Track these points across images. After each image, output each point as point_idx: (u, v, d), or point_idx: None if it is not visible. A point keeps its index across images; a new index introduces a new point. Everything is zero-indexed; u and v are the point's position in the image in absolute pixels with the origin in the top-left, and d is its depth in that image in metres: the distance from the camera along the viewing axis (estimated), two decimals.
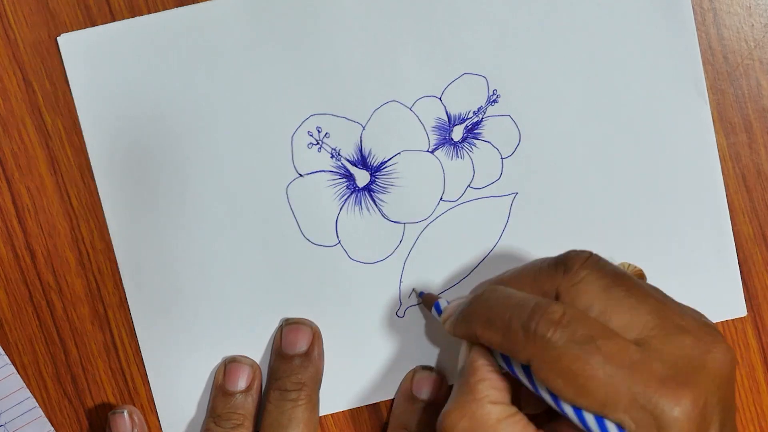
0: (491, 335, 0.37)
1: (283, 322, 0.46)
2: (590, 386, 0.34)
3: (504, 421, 0.37)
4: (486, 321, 0.37)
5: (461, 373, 0.39)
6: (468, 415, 0.37)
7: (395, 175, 0.46)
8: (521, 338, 0.35)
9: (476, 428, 0.37)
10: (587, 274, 0.37)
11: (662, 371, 0.34)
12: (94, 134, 0.45)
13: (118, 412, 0.45)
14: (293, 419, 0.44)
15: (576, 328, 0.35)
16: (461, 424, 0.37)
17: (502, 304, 0.37)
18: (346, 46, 0.45)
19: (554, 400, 0.35)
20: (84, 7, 0.45)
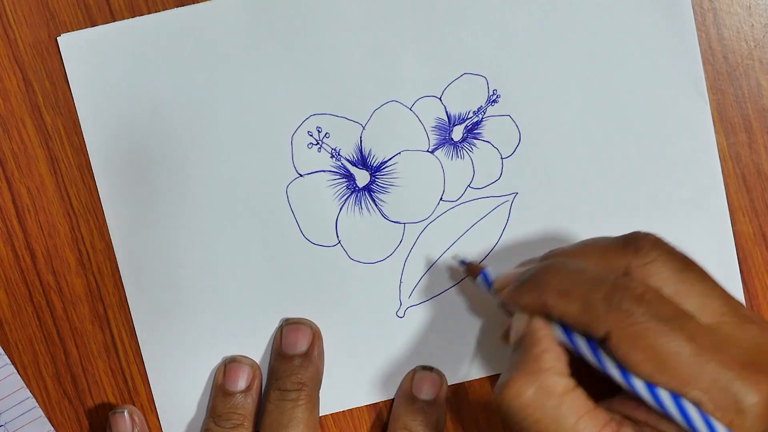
0: (567, 306, 0.36)
1: (283, 322, 0.46)
2: (673, 363, 0.34)
3: (570, 394, 0.36)
4: (560, 292, 0.37)
5: (520, 343, 0.38)
6: (536, 384, 0.36)
7: (395, 175, 0.46)
8: (602, 311, 0.35)
9: (543, 399, 0.36)
10: (659, 255, 0.37)
11: (741, 356, 0.34)
12: (94, 134, 0.45)
13: (118, 412, 0.45)
14: (293, 419, 0.44)
15: (660, 306, 0.35)
16: (528, 394, 0.36)
17: (577, 276, 0.37)
18: (346, 46, 0.45)
19: (624, 376, 0.35)
20: (84, 7, 0.45)
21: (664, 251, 0.37)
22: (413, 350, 0.46)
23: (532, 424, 0.36)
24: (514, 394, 0.36)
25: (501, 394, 0.37)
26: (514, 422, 0.37)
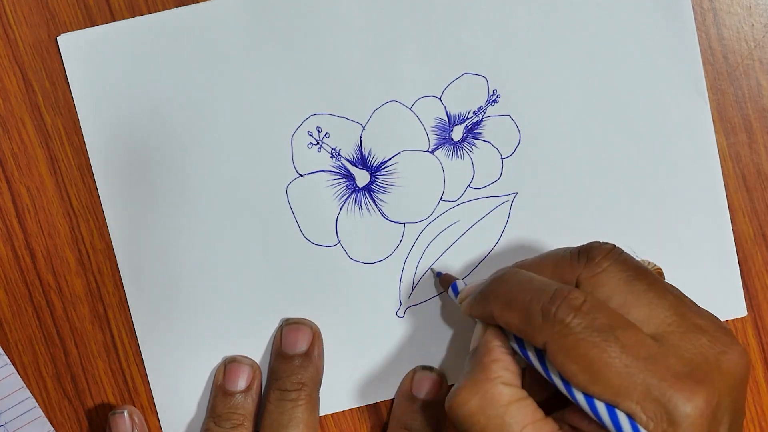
0: (509, 316, 0.37)
1: (283, 322, 0.46)
2: (605, 374, 0.34)
3: (515, 404, 0.37)
4: (505, 302, 0.38)
5: (474, 353, 0.39)
6: (480, 393, 0.37)
7: (395, 175, 0.46)
8: (539, 321, 0.36)
9: (486, 407, 0.37)
10: (609, 266, 0.37)
11: (678, 367, 0.34)
12: (94, 134, 0.45)
13: (118, 413, 0.45)
14: (293, 419, 0.44)
15: (596, 315, 0.35)
16: (472, 402, 0.37)
17: (522, 287, 0.37)
18: (346, 46, 0.45)
19: (565, 387, 0.35)
20: (84, 7, 0.45)
21: (615, 261, 0.37)
22: (413, 350, 0.46)
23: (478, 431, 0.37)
24: (460, 402, 0.37)
25: (449, 402, 0.38)
26: (462, 430, 0.38)
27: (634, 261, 0.37)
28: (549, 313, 0.35)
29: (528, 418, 0.37)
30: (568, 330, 0.35)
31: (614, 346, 0.34)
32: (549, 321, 0.35)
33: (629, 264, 0.37)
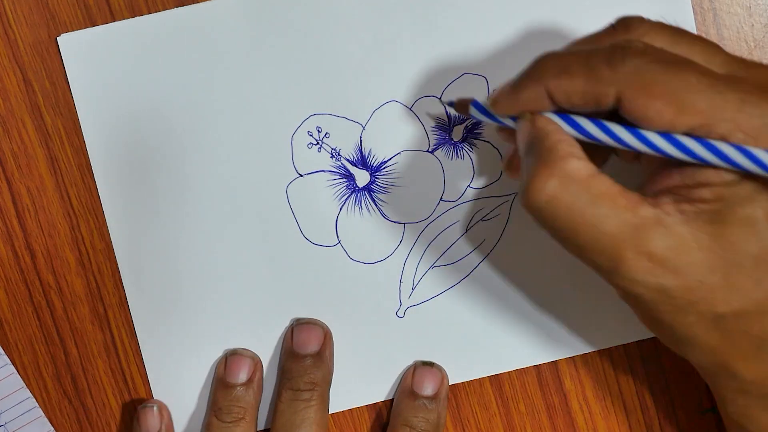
0: (569, 82, 0.34)
1: (294, 321, 0.46)
2: (692, 99, 0.32)
3: (596, 177, 0.34)
4: (560, 69, 0.35)
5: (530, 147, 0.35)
6: (557, 173, 0.34)
7: (395, 175, 0.46)
8: (607, 73, 0.33)
9: (569, 185, 0.34)
10: (650, 27, 0.35)
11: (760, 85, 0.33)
12: (94, 134, 0.45)
13: (148, 406, 0.45)
14: (306, 419, 0.44)
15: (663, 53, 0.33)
16: (550, 184, 0.34)
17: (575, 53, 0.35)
18: (346, 46, 0.45)
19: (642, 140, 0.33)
20: (84, 7, 0.45)
21: (654, 23, 0.36)
22: (413, 350, 0.46)
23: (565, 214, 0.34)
24: (538, 191, 0.34)
25: (525, 198, 0.35)
26: (547, 222, 0.35)
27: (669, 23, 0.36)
28: (615, 60, 0.33)
29: (614, 188, 0.34)
30: (640, 69, 0.33)
31: (693, 72, 0.33)
32: (617, 67, 0.33)
33: (668, 24, 0.36)
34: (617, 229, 0.34)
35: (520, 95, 0.36)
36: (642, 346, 0.46)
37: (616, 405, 0.47)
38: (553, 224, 0.35)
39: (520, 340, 0.46)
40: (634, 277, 0.34)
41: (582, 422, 0.47)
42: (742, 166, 0.32)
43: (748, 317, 0.34)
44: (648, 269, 0.34)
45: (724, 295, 0.34)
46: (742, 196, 0.33)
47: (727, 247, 0.33)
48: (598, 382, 0.47)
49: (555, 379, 0.47)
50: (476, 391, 0.47)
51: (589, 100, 0.34)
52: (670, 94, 0.33)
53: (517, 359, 0.46)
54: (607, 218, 0.34)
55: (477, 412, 0.47)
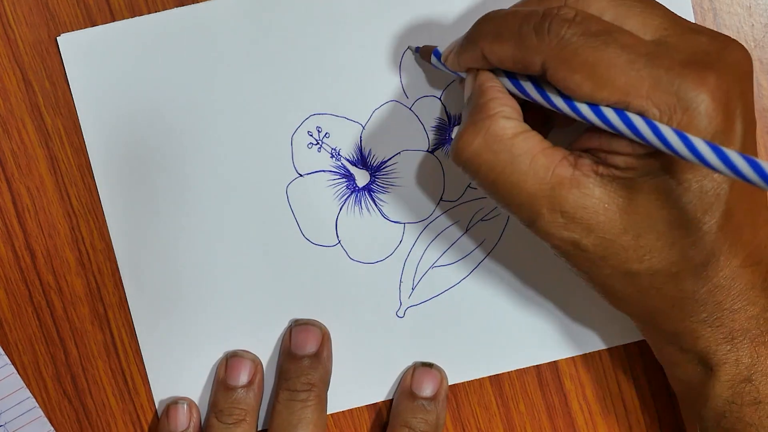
0: (501, 48, 0.36)
1: (293, 322, 0.46)
2: (610, 74, 0.33)
3: (520, 135, 0.36)
4: (494, 35, 0.36)
5: (469, 100, 0.38)
6: (482, 131, 0.36)
7: (395, 175, 0.46)
8: (534, 41, 0.35)
9: (491, 143, 0.36)
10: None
11: (683, 58, 0.34)
12: (94, 134, 0.45)
13: (179, 403, 0.45)
14: (303, 419, 0.44)
15: (590, 24, 0.34)
16: (476, 141, 0.36)
17: (509, 17, 0.36)
18: (346, 46, 0.45)
19: (570, 106, 0.34)
20: (84, 7, 0.45)
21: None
22: (413, 350, 0.46)
23: (487, 171, 0.36)
24: (463, 145, 0.36)
25: (453, 151, 0.37)
26: (472, 174, 0.37)
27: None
28: (542, 30, 0.34)
29: (536, 147, 0.36)
30: (564, 42, 0.34)
31: (614, 47, 0.33)
32: (543, 38, 0.34)
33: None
34: (534, 187, 0.36)
35: (461, 56, 0.38)
36: (642, 346, 0.46)
37: (616, 405, 0.47)
38: (477, 178, 0.37)
39: (520, 340, 0.46)
40: (548, 231, 0.36)
41: (582, 422, 0.47)
42: (652, 143, 0.33)
43: (660, 276, 0.36)
44: (561, 224, 0.36)
45: (635, 254, 0.36)
46: (653, 168, 0.35)
47: (641, 211, 0.35)
48: (598, 382, 0.47)
49: (555, 379, 0.47)
50: (476, 391, 0.47)
51: (518, 66, 0.36)
52: (589, 68, 0.34)
53: (517, 359, 0.46)
54: (525, 176, 0.36)
55: (477, 412, 0.47)
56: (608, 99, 0.34)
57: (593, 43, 0.34)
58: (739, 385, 0.37)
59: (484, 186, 0.37)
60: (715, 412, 0.38)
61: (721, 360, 0.37)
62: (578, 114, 0.34)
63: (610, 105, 0.34)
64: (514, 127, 0.36)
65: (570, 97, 0.35)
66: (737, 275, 0.36)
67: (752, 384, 0.37)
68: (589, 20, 0.34)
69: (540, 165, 0.36)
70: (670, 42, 0.35)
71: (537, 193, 0.36)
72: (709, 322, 0.37)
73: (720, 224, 0.35)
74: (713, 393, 0.38)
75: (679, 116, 0.33)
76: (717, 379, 0.38)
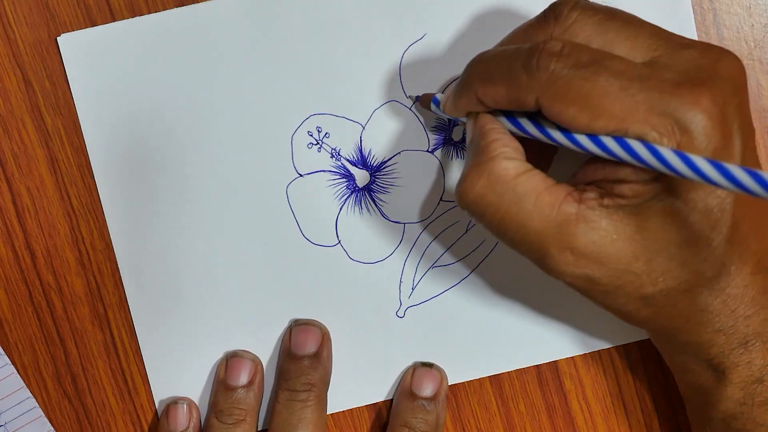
0: (494, 89, 0.36)
1: (293, 322, 0.46)
2: (604, 104, 0.33)
3: (523, 175, 0.36)
4: (486, 77, 0.36)
5: (470, 143, 0.38)
6: (485, 172, 0.36)
7: (395, 175, 0.46)
8: (524, 80, 0.35)
9: (495, 184, 0.36)
10: (579, 15, 0.36)
11: (675, 78, 0.34)
12: (94, 134, 0.45)
13: (178, 403, 0.45)
14: (302, 420, 0.44)
15: (578, 55, 0.34)
16: (479, 184, 0.36)
17: (498, 58, 0.36)
18: (346, 46, 0.45)
19: (570, 139, 0.34)
20: (84, 7, 0.45)
21: (584, 9, 0.36)
22: (413, 350, 0.46)
23: (492, 213, 0.36)
24: (467, 188, 0.36)
25: (457, 194, 0.37)
26: (478, 217, 0.37)
27: (601, 5, 0.36)
28: (531, 67, 0.34)
29: (540, 186, 0.36)
30: (554, 76, 0.34)
31: (605, 75, 0.33)
32: (533, 74, 0.34)
33: (598, 8, 0.36)
34: (541, 226, 0.36)
35: (458, 101, 0.39)
36: (642, 346, 0.46)
37: (616, 405, 0.47)
38: (482, 221, 0.37)
39: (520, 340, 0.46)
40: (559, 270, 0.36)
41: (582, 422, 0.47)
42: (654, 166, 0.33)
43: (675, 294, 0.36)
44: (572, 262, 0.36)
45: (649, 278, 0.36)
46: (658, 191, 0.35)
47: (649, 236, 0.35)
48: (598, 382, 0.47)
49: (555, 379, 0.47)
50: (476, 391, 0.47)
51: (513, 105, 0.36)
52: (583, 99, 0.34)
53: (517, 359, 0.46)
54: (531, 215, 0.36)
55: (477, 412, 0.47)
56: (606, 128, 0.33)
57: (583, 73, 0.34)
58: (751, 386, 0.38)
59: (490, 228, 0.37)
60: (726, 414, 0.38)
61: (734, 363, 0.38)
62: (578, 146, 0.34)
63: (608, 134, 0.34)
64: (517, 167, 0.36)
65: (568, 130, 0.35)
66: (749, 283, 0.37)
67: (764, 385, 0.37)
68: (577, 50, 0.34)
69: (545, 203, 0.35)
70: (661, 61, 0.34)
71: (544, 231, 0.36)
72: (723, 330, 0.37)
73: (728, 238, 0.35)
74: (725, 395, 0.38)
75: (678, 137, 0.33)
76: (729, 381, 0.38)
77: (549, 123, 0.36)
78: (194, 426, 0.45)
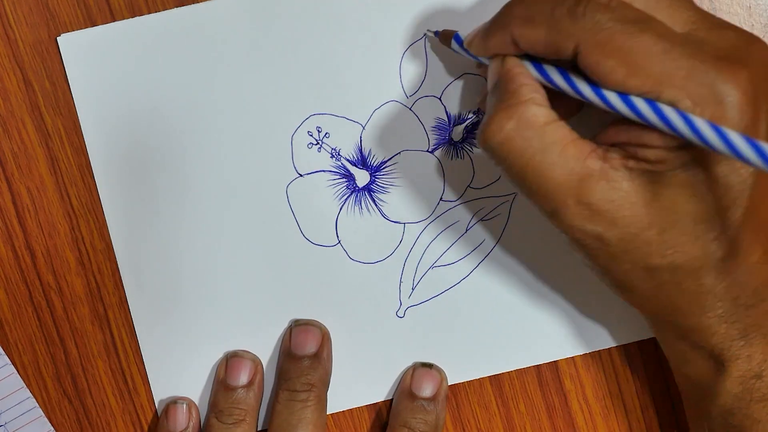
0: (533, 31, 0.35)
1: (292, 323, 0.46)
2: (644, 62, 0.33)
3: (552, 124, 0.36)
4: (525, 18, 0.36)
5: (496, 85, 0.37)
6: (515, 116, 0.35)
7: (395, 175, 0.46)
8: (567, 25, 0.34)
9: (523, 129, 0.35)
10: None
11: (715, 52, 0.34)
12: (94, 134, 0.45)
13: (178, 403, 0.45)
14: (303, 420, 0.44)
15: (625, 10, 0.34)
16: (508, 126, 0.35)
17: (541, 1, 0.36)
18: (346, 46, 0.45)
19: (599, 95, 0.34)
20: (84, 7, 0.45)
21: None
22: (413, 350, 0.46)
23: (516, 157, 0.36)
24: (494, 131, 0.36)
25: (482, 135, 0.36)
26: (500, 160, 0.36)
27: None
28: (576, 14, 0.34)
29: (567, 137, 0.35)
30: (599, 26, 0.34)
31: (650, 34, 0.33)
32: (578, 21, 0.34)
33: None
34: (562, 177, 0.35)
35: (489, 40, 0.38)
36: (642, 346, 0.46)
37: (616, 405, 0.47)
38: (505, 164, 0.36)
39: (520, 340, 0.46)
40: (572, 223, 0.36)
41: (582, 422, 0.47)
42: (684, 135, 0.32)
43: (681, 271, 0.36)
44: (586, 216, 0.36)
45: (658, 249, 0.36)
46: (684, 161, 0.34)
47: (667, 205, 0.35)
48: (598, 382, 0.47)
49: (555, 379, 0.47)
50: (476, 391, 0.47)
51: (550, 50, 0.35)
52: (624, 54, 0.33)
53: (517, 359, 0.46)
54: (554, 166, 0.35)
55: (477, 412, 0.47)
56: (640, 87, 0.33)
57: (629, 29, 0.33)
58: (749, 381, 0.38)
59: (510, 173, 0.37)
60: (723, 409, 0.38)
61: (734, 355, 0.38)
62: (606, 103, 0.34)
63: (640, 94, 0.33)
64: (546, 115, 0.36)
65: (598, 85, 0.34)
66: (754, 271, 0.37)
67: (762, 380, 0.37)
68: (625, 7, 0.34)
69: (570, 155, 0.35)
70: (699, 36, 0.35)
71: (565, 183, 0.35)
72: (725, 317, 0.37)
73: (742, 220, 0.35)
74: (723, 389, 0.38)
75: (712, 109, 0.33)
76: (728, 374, 0.38)
77: (579, 76, 0.35)
78: (194, 426, 0.45)
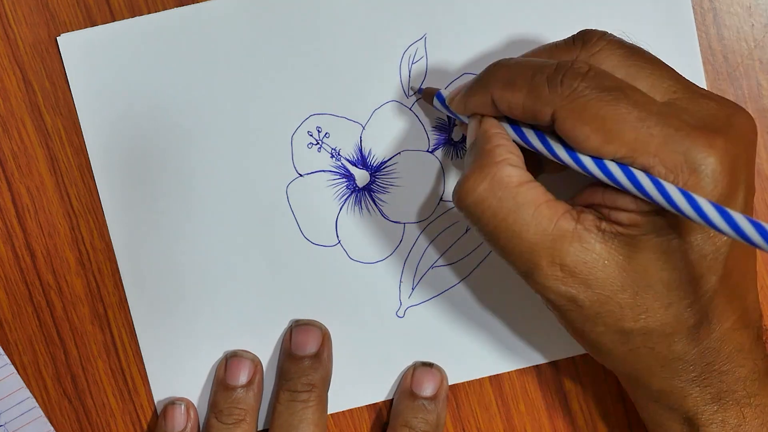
0: (512, 96, 0.36)
1: (293, 323, 0.46)
2: (619, 129, 0.33)
3: (525, 185, 0.36)
4: (506, 82, 0.36)
5: (473, 145, 0.38)
6: (489, 176, 0.36)
7: (395, 175, 0.46)
8: (545, 92, 0.35)
9: (497, 189, 0.36)
10: (605, 45, 0.36)
11: (693, 122, 0.34)
12: (94, 134, 0.45)
13: (176, 404, 0.45)
14: (303, 420, 0.44)
15: (603, 79, 0.34)
16: (481, 187, 0.36)
17: (523, 66, 0.36)
18: (346, 46, 0.45)
19: (574, 159, 0.34)
20: (84, 7, 0.45)
21: (611, 41, 0.37)
22: (413, 350, 0.46)
23: (489, 217, 0.36)
24: (468, 190, 0.36)
25: (456, 195, 0.37)
26: (474, 220, 0.37)
27: (628, 42, 0.37)
28: (555, 81, 0.35)
29: (541, 198, 0.36)
30: (576, 94, 0.34)
31: (626, 102, 0.34)
32: (556, 89, 0.34)
33: (625, 43, 0.37)
34: (536, 238, 0.36)
35: (470, 99, 0.38)
36: None
37: (616, 405, 0.47)
38: (479, 224, 0.37)
39: (520, 340, 0.46)
40: (546, 284, 0.36)
41: (582, 422, 0.47)
42: (656, 200, 0.33)
43: (654, 336, 0.36)
44: (560, 278, 0.36)
45: (631, 313, 0.36)
46: (657, 226, 0.35)
47: (640, 269, 0.35)
48: (598, 382, 0.47)
49: (555, 379, 0.47)
50: (476, 391, 0.47)
51: (528, 115, 0.36)
52: (599, 121, 0.34)
53: (517, 359, 0.46)
54: (528, 226, 0.36)
55: (477, 412, 0.47)
56: (615, 153, 0.34)
57: (605, 97, 0.34)
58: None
59: (484, 232, 0.37)
60: None
61: (708, 420, 0.37)
62: (582, 167, 0.35)
63: (615, 160, 0.34)
64: (520, 175, 0.36)
65: (574, 149, 0.35)
66: (727, 338, 0.37)
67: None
68: (603, 75, 0.35)
69: (543, 216, 0.36)
70: (680, 105, 0.35)
71: (538, 243, 0.36)
72: (698, 381, 0.37)
73: (716, 288, 0.35)
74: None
75: (686, 177, 0.33)
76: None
77: (555, 140, 0.36)
78: (192, 426, 0.45)
